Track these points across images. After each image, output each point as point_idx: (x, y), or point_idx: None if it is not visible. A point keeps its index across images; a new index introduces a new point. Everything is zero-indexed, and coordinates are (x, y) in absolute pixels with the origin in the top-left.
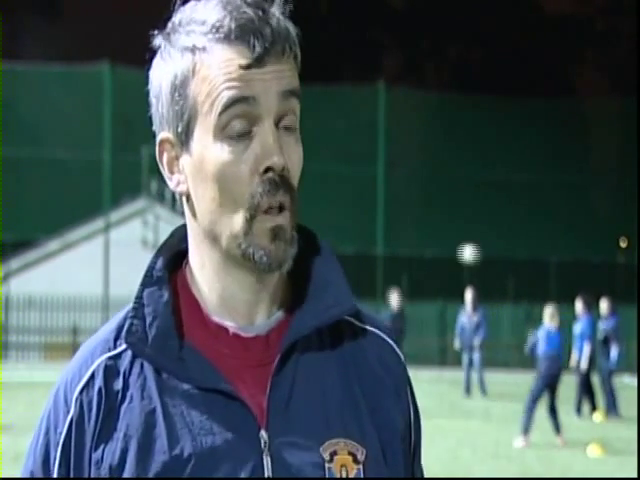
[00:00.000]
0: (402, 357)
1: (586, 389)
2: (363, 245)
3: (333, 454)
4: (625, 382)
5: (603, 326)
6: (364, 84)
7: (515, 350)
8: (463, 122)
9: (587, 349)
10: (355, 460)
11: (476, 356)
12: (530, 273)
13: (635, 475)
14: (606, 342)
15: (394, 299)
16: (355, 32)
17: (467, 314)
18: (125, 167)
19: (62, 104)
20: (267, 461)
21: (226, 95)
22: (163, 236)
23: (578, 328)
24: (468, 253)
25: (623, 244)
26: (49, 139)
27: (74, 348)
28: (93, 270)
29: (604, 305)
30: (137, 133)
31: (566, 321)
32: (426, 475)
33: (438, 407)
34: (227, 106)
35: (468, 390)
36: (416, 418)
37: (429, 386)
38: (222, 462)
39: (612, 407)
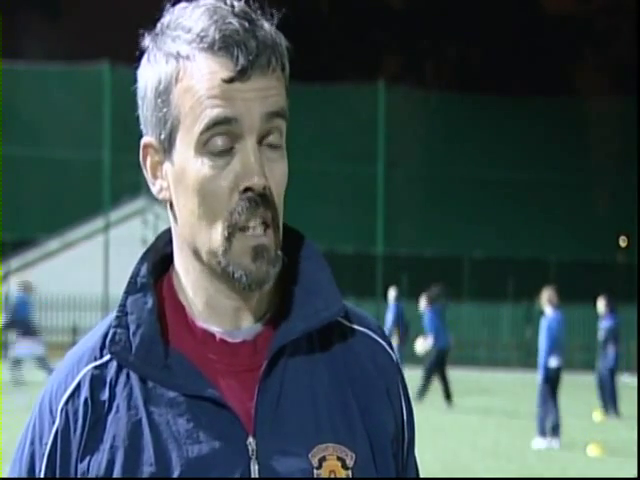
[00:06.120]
0: (394, 356)
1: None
2: (363, 244)
3: (322, 460)
4: (624, 382)
5: (602, 326)
6: (364, 84)
7: (515, 349)
8: (463, 122)
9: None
10: (344, 465)
11: None
12: (530, 273)
13: (635, 475)
14: (605, 342)
15: (601, 305)
16: (355, 32)
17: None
18: (125, 167)
19: (62, 104)
20: (255, 469)
21: (208, 115)
22: None
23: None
24: (420, 345)
25: (623, 244)
26: (49, 139)
27: None
28: (93, 270)
29: (601, 304)
30: (137, 133)
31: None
32: (426, 475)
33: (438, 406)
34: (209, 127)
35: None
36: (409, 416)
37: None
38: (209, 471)
39: (612, 407)
